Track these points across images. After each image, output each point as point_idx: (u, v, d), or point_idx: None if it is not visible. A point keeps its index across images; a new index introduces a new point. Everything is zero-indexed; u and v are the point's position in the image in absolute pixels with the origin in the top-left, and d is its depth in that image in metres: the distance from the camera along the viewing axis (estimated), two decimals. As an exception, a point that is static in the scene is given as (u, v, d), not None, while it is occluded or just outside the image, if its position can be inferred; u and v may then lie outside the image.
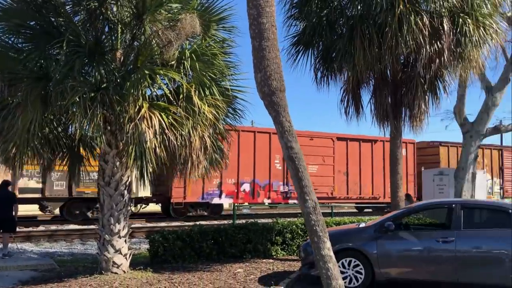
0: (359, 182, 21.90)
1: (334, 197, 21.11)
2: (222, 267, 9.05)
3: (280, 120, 5.42)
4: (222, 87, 8.41)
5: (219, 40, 8.64)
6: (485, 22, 9.21)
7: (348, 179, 21.58)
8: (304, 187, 5.26)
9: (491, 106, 12.58)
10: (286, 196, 20.09)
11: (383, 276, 7.41)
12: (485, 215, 7.72)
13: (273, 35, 5.45)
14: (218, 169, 9.22)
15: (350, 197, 21.71)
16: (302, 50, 10.60)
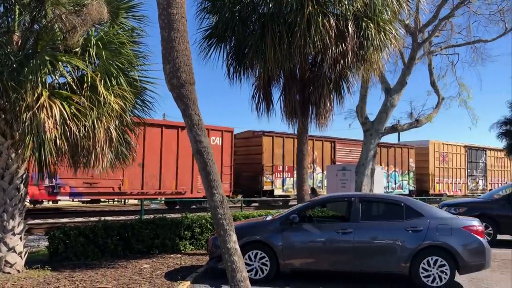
0: (159, 176, 18.91)
1: (124, 192, 18.06)
2: (127, 263, 8.79)
3: (189, 113, 5.36)
4: (130, 77, 8.13)
5: (128, 28, 8.33)
6: (386, 27, 9.86)
7: (144, 172, 18.36)
8: (212, 181, 5.26)
9: (389, 106, 13.54)
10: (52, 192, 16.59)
11: (287, 267, 7.68)
12: (381, 207, 8.29)
13: (183, 26, 5.37)
14: (125, 162, 8.91)
15: (146, 193, 18.63)
16: (215, 44, 10.58)
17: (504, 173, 37.53)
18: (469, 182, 34.20)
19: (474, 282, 7.85)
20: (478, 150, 35.17)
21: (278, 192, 23.73)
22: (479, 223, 7.65)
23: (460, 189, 33.30)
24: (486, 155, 35.82)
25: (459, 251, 7.23)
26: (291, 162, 23.02)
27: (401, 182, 29.51)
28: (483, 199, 14.07)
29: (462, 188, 33.51)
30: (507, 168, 37.59)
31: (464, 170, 34.03)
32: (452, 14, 14.63)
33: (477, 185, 34.48)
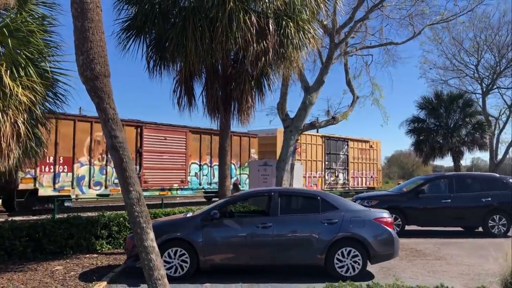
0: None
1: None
2: (38, 266, 8.30)
3: (103, 107, 5.14)
4: (41, 68, 7.63)
5: (38, 16, 7.81)
6: (305, 27, 10.12)
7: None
8: (128, 178, 5.09)
9: (308, 104, 13.96)
10: None
11: (208, 263, 7.67)
12: (299, 201, 8.55)
13: (97, 16, 5.13)
14: (35, 159, 8.37)
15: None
16: (134, 36, 10.22)
17: (369, 166, 34.06)
18: (327, 175, 30.51)
19: (384, 271, 8.35)
20: (339, 141, 31.52)
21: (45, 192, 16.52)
22: (389, 215, 8.14)
23: (316, 183, 29.50)
24: (348, 146, 32.23)
25: (371, 241, 7.66)
26: (69, 153, 16.99)
27: (239, 176, 24.13)
28: (393, 193, 15.01)
29: (318, 182, 29.86)
30: (374, 160, 34.41)
31: (321, 162, 30.04)
32: (366, 16, 15.39)
33: (336, 179, 31.02)
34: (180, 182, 21.03)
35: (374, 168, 34.49)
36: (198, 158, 21.99)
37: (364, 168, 33.65)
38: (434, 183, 14.26)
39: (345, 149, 31.95)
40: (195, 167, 21.93)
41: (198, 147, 22.01)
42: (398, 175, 76.79)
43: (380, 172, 36.17)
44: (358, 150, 33.08)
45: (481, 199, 13.29)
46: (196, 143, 21.97)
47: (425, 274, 8.24)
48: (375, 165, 34.65)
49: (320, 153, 30.08)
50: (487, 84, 30.75)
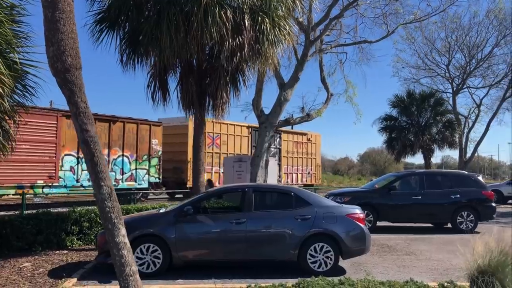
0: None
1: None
2: (5, 263, 8.10)
3: (74, 100, 5.02)
4: (9, 59, 7.37)
5: (6, 5, 7.55)
6: (280, 23, 10.13)
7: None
8: (99, 173, 5.00)
9: (283, 100, 13.99)
10: None
11: (181, 259, 7.62)
12: (273, 197, 8.58)
13: (69, 7, 5.00)
14: (3, 153, 8.11)
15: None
16: (107, 28, 10.03)
17: (307, 161, 31.38)
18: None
19: (356, 266, 8.47)
20: None
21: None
22: (361, 211, 8.26)
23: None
24: (281, 139, 29.14)
25: (343, 237, 7.75)
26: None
27: (135, 171, 19.99)
28: (365, 189, 15.22)
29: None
30: (312, 155, 31.93)
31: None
32: (341, 14, 15.50)
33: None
34: (47, 177, 17.07)
35: (312, 163, 32.05)
36: (76, 148, 17.66)
37: (300, 163, 30.89)
38: (405, 180, 14.53)
39: (277, 142, 28.59)
40: (71, 159, 17.81)
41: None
42: (370, 171, 78.09)
43: (319, 168, 33.95)
44: (293, 144, 30.29)
45: (450, 196, 13.62)
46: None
47: (395, 269, 8.40)
48: (313, 160, 32.18)
49: (246, 145, 26.75)
50: (458, 83, 31.47)
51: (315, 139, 32.68)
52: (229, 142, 25.84)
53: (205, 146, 21.67)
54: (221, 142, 25.62)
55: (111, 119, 19.40)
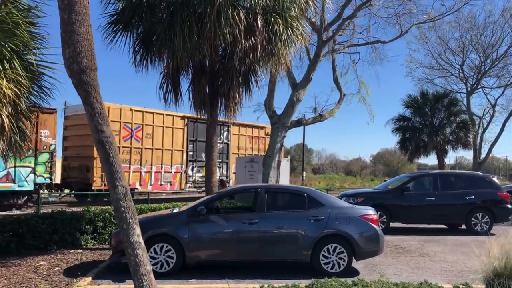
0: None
1: None
2: (21, 261, 8.21)
3: (90, 101, 5.09)
4: (26, 61, 7.50)
5: (23, 7, 7.66)
6: (293, 23, 10.13)
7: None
8: (115, 173, 5.05)
9: (295, 101, 13.98)
10: None
11: (194, 259, 7.66)
12: (286, 198, 8.57)
13: (84, 9, 5.06)
14: (19, 153, 8.25)
15: None
16: (121, 30, 10.13)
17: None
18: (191, 171, 23.40)
19: (369, 267, 8.43)
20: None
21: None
22: (374, 212, 8.21)
23: (171, 181, 22.43)
24: (230, 133, 25.10)
25: (356, 238, 7.72)
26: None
27: (13, 170, 16.22)
28: (378, 190, 15.13)
29: (175, 179, 22.70)
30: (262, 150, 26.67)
31: (180, 153, 22.65)
32: (354, 14, 15.44)
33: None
34: None
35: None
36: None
37: None
38: (419, 181, 14.42)
39: (224, 136, 24.81)
40: None
41: None
42: (383, 172, 77.60)
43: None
44: (246, 138, 26.41)
45: (465, 197, 13.48)
46: None
47: (409, 270, 8.34)
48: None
49: (180, 139, 22.82)
50: (472, 83, 31.15)
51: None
52: (155, 135, 21.90)
53: (119, 139, 19.76)
54: (143, 134, 21.38)
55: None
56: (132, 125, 20.98)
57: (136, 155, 21.15)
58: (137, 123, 21.21)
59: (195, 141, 23.54)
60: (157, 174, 21.95)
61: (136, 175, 21.02)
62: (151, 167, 21.54)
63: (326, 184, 52.65)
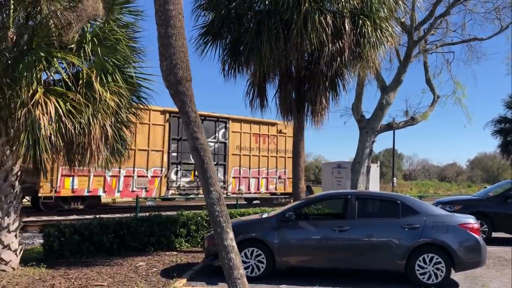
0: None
1: None
2: (123, 261, 8.77)
3: (186, 110, 5.33)
4: (126, 74, 8.08)
5: (123, 24, 8.28)
6: (382, 25, 9.85)
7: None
8: (209, 178, 5.24)
9: (385, 104, 13.56)
10: None
11: (283, 264, 7.67)
12: (377, 205, 8.29)
13: (180, 23, 5.34)
14: (120, 159, 8.86)
15: None
16: (211, 41, 10.54)
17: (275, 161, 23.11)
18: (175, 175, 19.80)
19: (470, 280, 7.88)
20: (207, 120, 20.48)
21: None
22: (475, 221, 7.67)
23: (147, 187, 19.04)
24: (229, 130, 21.49)
25: (455, 248, 7.25)
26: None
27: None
28: (478, 197, 14.12)
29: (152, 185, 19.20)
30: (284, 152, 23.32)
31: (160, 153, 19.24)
32: (448, 12, 14.65)
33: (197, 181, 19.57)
34: None
35: (286, 164, 23.07)
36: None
37: (265, 164, 22.78)
38: (525, 188, 13.22)
39: (221, 134, 21.31)
40: None
41: None
42: (481, 178, 72.37)
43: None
44: (251, 137, 22.42)
45: None
46: None
47: (516, 285, 7.67)
48: (288, 160, 21.99)
49: (160, 137, 19.30)
50: None
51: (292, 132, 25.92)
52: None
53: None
54: None
55: None
56: None
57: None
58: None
59: (179, 140, 19.63)
60: (127, 178, 18.44)
61: (98, 180, 17.92)
62: (119, 171, 18.05)
63: (419, 190, 50.27)
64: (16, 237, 7.70)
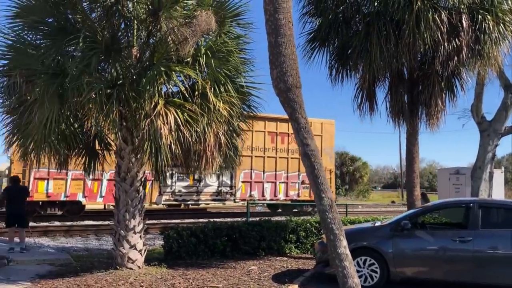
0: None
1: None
2: (236, 264, 9.05)
3: (296, 116, 5.39)
4: (237, 83, 8.39)
5: (234, 36, 8.61)
6: (505, 18, 9.05)
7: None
8: (320, 185, 5.22)
9: (509, 104, 12.38)
10: None
11: (398, 275, 7.34)
12: (504, 214, 7.59)
13: (289, 31, 5.42)
14: (232, 166, 9.21)
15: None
16: (318, 47, 10.54)
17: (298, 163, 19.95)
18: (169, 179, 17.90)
19: None
20: None
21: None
22: None
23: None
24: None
25: None
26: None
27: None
28: None
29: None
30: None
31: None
32: None
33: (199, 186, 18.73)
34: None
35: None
36: None
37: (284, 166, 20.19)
38: None
39: None
40: None
41: None
42: None
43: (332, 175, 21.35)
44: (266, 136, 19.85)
45: None
46: None
47: None
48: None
49: None
50: None
51: (320, 129, 20.63)
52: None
53: None
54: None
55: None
56: None
57: None
58: None
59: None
60: (111, 182, 16.32)
61: (76, 184, 16.85)
62: (102, 174, 16.44)
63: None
64: (141, 238, 8.35)
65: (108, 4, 7.70)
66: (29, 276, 7.84)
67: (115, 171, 8.56)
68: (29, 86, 7.37)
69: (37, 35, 8.05)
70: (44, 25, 7.92)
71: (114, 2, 7.68)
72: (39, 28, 7.95)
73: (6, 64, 7.78)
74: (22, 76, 7.23)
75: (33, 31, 8.00)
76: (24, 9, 7.74)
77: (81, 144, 8.70)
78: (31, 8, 7.73)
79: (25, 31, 7.96)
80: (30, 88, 7.38)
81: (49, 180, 16.28)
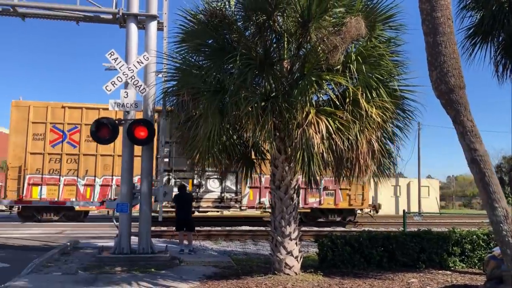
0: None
1: None
2: (393, 276, 8.69)
3: (460, 119, 4.97)
4: (389, 88, 8.09)
5: (384, 39, 8.34)
6: None
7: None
8: (492, 193, 4.72)
9: None
10: None
11: None
12: None
13: (449, 28, 5.05)
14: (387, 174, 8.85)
15: None
16: (479, 42, 9.62)
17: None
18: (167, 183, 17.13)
19: None
20: None
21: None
22: None
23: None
24: None
25: None
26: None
27: None
28: None
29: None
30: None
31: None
32: None
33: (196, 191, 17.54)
34: None
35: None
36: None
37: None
38: None
39: None
40: None
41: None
42: None
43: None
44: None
45: None
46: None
47: None
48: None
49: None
50: None
51: None
52: None
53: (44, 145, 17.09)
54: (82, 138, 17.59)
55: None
56: (64, 126, 17.84)
57: (71, 163, 17.69)
58: (72, 123, 17.91)
59: (172, 144, 16.44)
60: (104, 188, 17.36)
61: (69, 189, 17.44)
62: (95, 179, 17.26)
63: None
64: (296, 244, 8.52)
65: (260, 21, 8.11)
66: (197, 276, 8.57)
67: (270, 179, 8.92)
68: (194, 103, 8.13)
69: (200, 56, 8.88)
70: (205, 46, 8.68)
71: (266, 19, 8.06)
72: (201, 50, 8.75)
73: (175, 85, 8.74)
74: (188, 94, 8.01)
75: (196, 53, 8.85)
76: (189, 34, 8.61)
77: (239, 154, 9.26)
78: (195, 33, 8.55)
79: (189, 53, 8.84)
80: (196, 105, 8.13)
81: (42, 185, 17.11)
